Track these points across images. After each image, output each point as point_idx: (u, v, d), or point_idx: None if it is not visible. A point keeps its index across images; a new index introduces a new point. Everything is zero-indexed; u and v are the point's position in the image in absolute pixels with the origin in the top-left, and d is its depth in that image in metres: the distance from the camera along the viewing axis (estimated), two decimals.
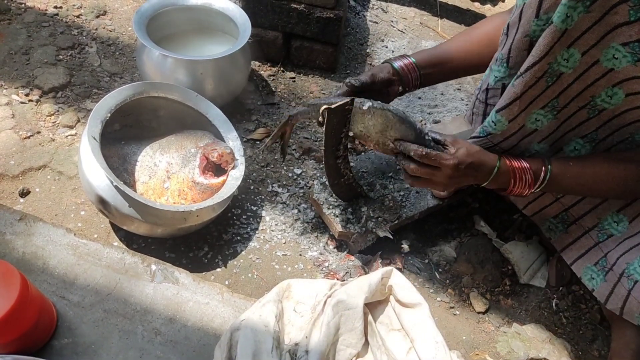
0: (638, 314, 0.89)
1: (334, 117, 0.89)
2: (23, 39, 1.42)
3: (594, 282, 0.97)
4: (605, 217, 0.97)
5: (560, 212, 1.04)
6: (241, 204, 1.21)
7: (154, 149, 1.12)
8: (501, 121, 0.91)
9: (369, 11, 1.84)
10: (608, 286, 0.93)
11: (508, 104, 0.88)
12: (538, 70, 0.81)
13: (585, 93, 0.85)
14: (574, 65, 0.80)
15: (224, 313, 0.91)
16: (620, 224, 0.95)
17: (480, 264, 1.20)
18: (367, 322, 0.92)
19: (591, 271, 0.98)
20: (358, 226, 1.10)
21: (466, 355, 1.05)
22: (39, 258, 0.91)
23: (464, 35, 1.08)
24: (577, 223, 1.02)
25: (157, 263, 0.95)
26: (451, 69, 1.07)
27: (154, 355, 0.84)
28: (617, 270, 0.92)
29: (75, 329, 0.84)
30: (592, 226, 0.99)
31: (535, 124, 0.90)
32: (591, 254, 0.99)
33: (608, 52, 0.78)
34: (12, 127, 1.23)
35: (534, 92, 0.85)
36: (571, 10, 0.74)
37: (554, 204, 1.04)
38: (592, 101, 0.85)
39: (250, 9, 1.41)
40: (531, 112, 0.88)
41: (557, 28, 0.76)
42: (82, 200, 1.14)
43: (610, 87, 0.82)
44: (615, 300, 0.92)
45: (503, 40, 0.91)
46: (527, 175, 0.92)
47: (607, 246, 0.96)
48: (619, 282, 0.91)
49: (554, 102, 0.86)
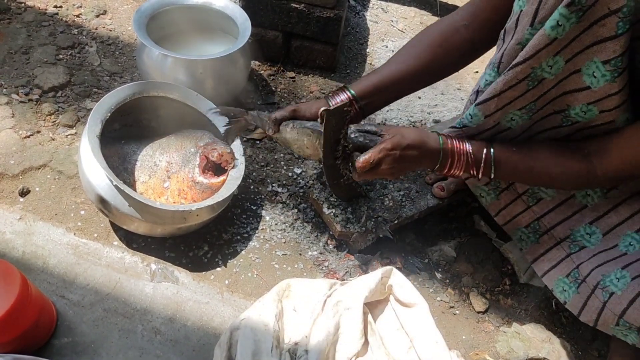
0: (613, 325, 0.89)
1: (333, 118, 0.89)
2: (23, 39, 1.42)
3: (565, 295, 0.96)
4: (578, 229, 0.97)
5: (532, 222, 1.04)
6: (241, 203, 1.21)
7: (153, 148, 1.12)
8: (477, 115, 0.91)
9: (369, 11, 1.84)
10: (581, 298, 0.93)
11: (486, 100, 0.88)
12: (520, 72, 0.82)
13: (562, 99, 0.85)
14: (556, 72, 0.81)
15: (224, 312, 0.91)
16: (592, 237, 0.95)
17: (480, 264, 1.20)
18: (367, 321, 0.92)
19: (563, 283, 0.97)
20: (358, 226, 1.10)
21: (466, 354, 1.05)
22: (38, 257, 0.91)
23: (402, 54, 1.03)
24: (549, 233, 1.01)
25: (157, 262, 0.95)
26: (392, 92, 1.05)
27: (153, 354, 0.84)
28: (590, 282, 0.91)
29: (75, 328, 0.84)
30: (564, 237, 0.99)
31: (510, 123, 0.91)
32: (563, 266, 0.98)
33: (590, 66, 0.78)
34: (12, 127, 1.23)
35: (514, 93, 0.85)
36: (564, 19, 0.74)
37: (525, 212, 1.04)
38: (567, 110, 0.86)
39: (250, 8, 1.41)
40: (508, 112, 0.89)
41: (547, 34, 0.76)
42: (81, 199, 1.14)
43: (585, 104, 0.83)
44: (589, 312, 0.91)
45: (499, 44, 0.91)
46: (468, 157, 0.92)
47: (580, 258, 0.95)
48: (593, 294, 0.90)
49: (532, 105, 0.87)
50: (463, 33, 0.98)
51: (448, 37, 0.99)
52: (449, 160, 0.93)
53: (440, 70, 1.04)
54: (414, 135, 0.91)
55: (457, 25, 0.99)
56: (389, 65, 1.03)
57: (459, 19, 0.99)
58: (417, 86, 1.08)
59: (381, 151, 0.90)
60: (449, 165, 0.94)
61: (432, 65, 1.01)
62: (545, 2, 0.77)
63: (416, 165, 0.95)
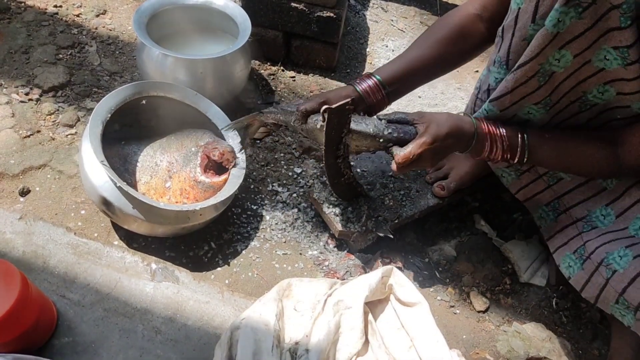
0: (613, 303, 0.89)
1: (335, 117, 0.89)
2: (23, 38, 1.42)
3: (570, 270, 0.97)
4: (594, 210, 0.98)
5: (552, 200, 1.05)
6: (241, 203, 1.21)
7: (154, 148, 1.12)
8: (493, 110, 0.92)
9: (369, 10, 1.84)
10: (585, 274, 0.93)
11: (499, 97, 0.89)
12: (529, 70, 0.83)
13: (577, 89, 0.86)
14: (565, 65, 0.82)
15: (224, 312, 0.91)
16: (607, 218, 0.96)
17: (481, 263, 1.20)
18: (368, 321, 0.92)
19: (569, 259, 0.98)
20: (358, 225, 1.10)
21: (466, 354, 1.05)
22: (39, 257, 0.91)
23: (424, 39, 1.04)
24: (567, 213, 1.02)
25: (157, 262, 0.95)
26: (417, 78, 1.05)
27: (154, 354, 0.84)
28: (595, 259, 0.92)
29: (75, 327, 0.84)
30: (580, 217, 1.00)
31: (527, 116, 0.92)
32: (572, 243, 0.99)
33: (600, 53, 0.79)
34: (12, 126, 1.22)
35: (526, 90, 0.86)
36: (563, 15, 0.75)
37: (546, 191, 1.05)
38: (584, 96, 0.87)
39: (251, 8, 1.41)
40: (524, 106, 0.90)
41: (549, 32, 0.78)
42: (82, 199, 1.14)
43: (601, 84, 0.83)
44: (592, 289, 0.92)
45: (498, 42, 0.92)
46: (502, 142, 0.92)
47: (589, 236, 0.96)
48: (597, 270, 0.91)
49: (547, 100, 0.88)
50: (478, 22, 1.01)
51: (467, 25, 1.01)
52: (485, 144, 0.92)
53: (460, 55, 1.05)
54: (450, 122, 0.89)
55: (473, 15, 1.01)
56: (412, 51, 1.04)
57: (472, 10, 1.01)
58: (438, 72, 1.08)
59: (421, 146, 0.87)
60: (485, 150, 0.93)
61: (452, 50, 1.02)
62: None
63: (454, 150, 0.93)
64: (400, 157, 0.88)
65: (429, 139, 0.87)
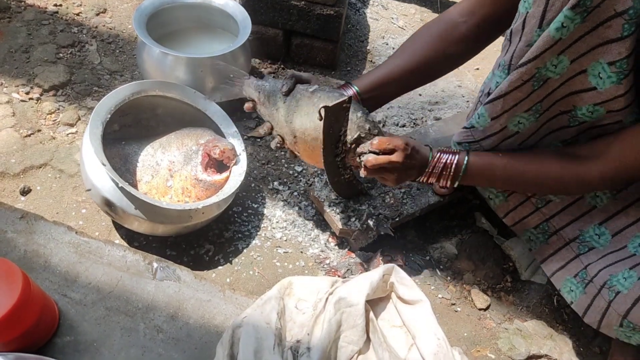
0: (617, 326, 0.89)
1: (332, 115, 0.89)
2: (23, 37, 1.42)
3: (572, 295, 0.96)
4: (587, 230, 0.97)
5: (540, 223, 1.03)
6: (242, 201, 1.21)
7: (154, 147, 1.12)
8: (484, 116, 0.91)
9: (369, 8, 1.84)
10: (587, 299, 0.93)
11: (493, 100, 0.88)
12: (525, 73, 0.82)
13: (569, 99, 0.85)
14: (561, 71, 0.81)
15: (226, 310, 0.91)
16: (602, 237, 0.95)
17: (482, 261, 1.20)
18: (369, 319, 0.92)
19: (570, 283, 0.97)
20: (359, 223, 1.10)
21: (467, 351, 1.05)
22: (40, 256, 0.91)
23: (405, 48, 1.03)
24: (558, 234, 1.01)
25: (159, 261, 0.95)
26: (397, 88, 1.05)
27: (155, 352, 0.84)
28: (597, 282, 0.91)
29: (77, 326, 0.85)
30: (573, 238, 0.99)
31: (517, 127, 0.90)
32: (571, 266, 0.98)
33: (595, 67, 0.78)
34: (13, 126, 1.23)
35: (520, 95, 0.85)
36: (568, 20, 0.74)
37: (534, 214, 1.04)
38: (574, 110, 0.86)
39: (251, 6, 1.41)
40: (514, 115, 0.88)
41: (551, 36, 0.76)
42: (83, 198, 1.14)
43: (592, 104, 0.83)
44: (594, 313, 0.92)
45: (506, 45, 0.91)
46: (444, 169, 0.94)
47: (588, 258, 0.95)
48: (599, 294, 0.90)
49: (538, 106, 0.87)
50: (462, 29, 0.98)
51: (448, 33, 0.99)
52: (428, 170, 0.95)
53: (441, 65, 1.03)
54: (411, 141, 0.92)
55: (456, 21, 0.99)
56: (390, 61, 1.03)
57: (457, 15, 0.99)
58: (419, 82, 1.08)
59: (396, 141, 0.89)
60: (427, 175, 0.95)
61: (433, 61, 1.01)
62: (552, 3, 0.77)
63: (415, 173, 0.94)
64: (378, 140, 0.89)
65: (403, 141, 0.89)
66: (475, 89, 1.63)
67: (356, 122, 0.92)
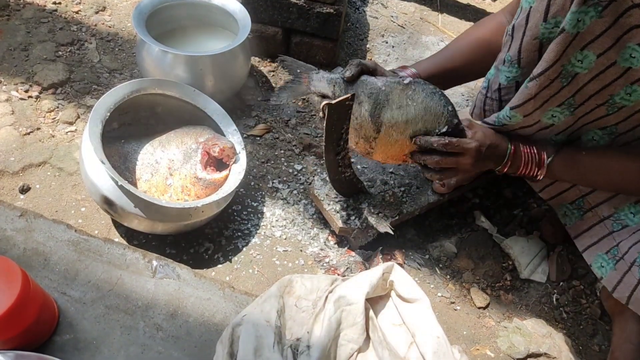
0: None
1: (335, 112, 0.89)
2: (22, 35, 1.41)
3: (603, 270, 0.97)
4: (622, 208, 0.97)
5: (577, 199, 1.04)
6: (242, 200, 1.21)
7: (154, 146, 1.12)
8: (516, 116, 0.91)
9: (369, 6, 1.84)
10: (617, 275, 0.93)
11: (522, 103, 0.88)
12: (552, 73, 0.82)
13: (603, 92, 0.84)
14: (589, 66, 0.80)
15: (226, 309, 0.91)
16: (637, 215, 0.95)
17: (481, 259, 1.20)
18: (369, 317, 0.92)
19: (602, 259, 0.97)
20: (359, 222, 1.10)
21: (467, 350, 1.05)
22: (40, 254, 0.91)
23: (462, 40, 1.07)
24: (593, 211, 1.01)
25: (158, 259, 0.95)
26: (451, 77, 1.07)
27: (155, 350, 0.84)
28: (628, 259, 0.91)
29: (76, 324, 0.84)
30: (607, 215, 0.99)
31: (551, 120, 0.90)
32: (603, 243, 0.98)
33: (625, 52, 0.78)
34: (12, 124, 1.22)
35: (549, 92, 0.85)
36: (582, 15, 0.74)
37: (571, 190, 1.04)
38: (611, 99, 0.85)
39: (250, 4, 1.41)
40: (547, 110, 0.88)
41: (569, 33, 0.76)
42: (82, 196, 1.14)
43: (629, 84, 0.82)
44: (623, 289, 0.92)
45: (508, 41, 0.91)
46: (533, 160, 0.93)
47: (621, 236, 0.95)
48: (629, 271, 0.90)
49: (570, 101, 0.86)
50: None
51: (495, 33, 1.02)
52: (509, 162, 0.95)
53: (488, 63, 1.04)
54: (493, 135, 0.93)
55: (502, 23, 1.02)
56: (445, 51, 1.07)
57: (503, 18, 1.03)
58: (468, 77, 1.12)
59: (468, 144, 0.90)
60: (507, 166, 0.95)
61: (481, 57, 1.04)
62: None
63: (490, 165, 0.95)
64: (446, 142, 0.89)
65: (476, 144, 0.90)
66: (475, 87, 1.63)
67: (446, 116, 0.91)
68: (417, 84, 0.91)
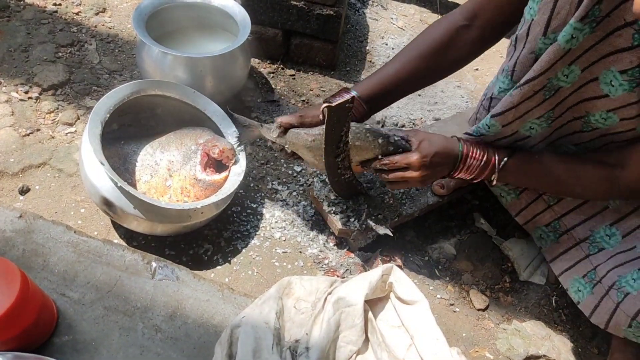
0: (625, 327, 0.89)
1: (334, 114, 0.89)
2: (22, 36, 1.41)
3: (580, 295, 0.96)
4: (598, 230, 0.97)
5: (552, 221, 1.04)
6: (241, 201, 1.21)
7: (153, 147, 1.12)
8: (495, 125, 0.91)
9: (369, 8, 1.84)
10: (594, 299, 0.93)
11: (503, 112, 0.88)
12: (537, 84, 0.81)
13: (581, 106, 0.85)
14: (573, 80, 0.81)
15: (224, 310, 0.91)
16: (612, 238, 0.95)
17: (480, 261, 1.20)
18: (368, 319, 0.92)
19: (578, 283, 0.97)
20: (358, 223, 1.10)
21: (466, 352, 1.05)
22: (39, 255, 0.91)
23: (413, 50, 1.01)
24: (569, 233, 1.01)
25: (158, 260, 0.95)
26: (395, 93, 1.04)
27: (154, 352, 0.84)
28: (606, 283, 0.91)
29: (75, 326, 0.84)
30: (583, 238, 0.99)
31: (529, 131, 0.90)
32: (580, 266, 0.98)
33: (607, 75, 0.78)
34: (12, 125, 1.22)
35: (531, 104, 0.85)
36: (577, 32, 0.74)
37: (546, 212, 1.04)
38: (587, 117, 0.86)
39: (250, 6, 1.41)
40: (526, 121, 0.88)
41: (561, 47, 0.76)
42: (82, 197, 1.14)
43: (605, 111, 0.83)
44: (601, 314, 0.92)
45: (510, 51, 0.90)
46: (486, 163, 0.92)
47: (598, 259, 0.95)
48: (607, 294, 0.90)
49: (549, 113, 0.87)
50: (464, 33, 0.97)
51: (449, 37, 0.97)
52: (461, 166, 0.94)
53: (442, 69, 1.03)
54: (440, 142, 0.92)
55: (458, 25, 0.97)
56: (391, 65, 1.01)
57: (460, 19, 0.98)
58: (420, 86, 1.07)
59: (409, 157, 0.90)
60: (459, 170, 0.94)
61: (434, 65, 1.00)
62: (557, 12, 0.77)
63: (444, 172, 0.94)
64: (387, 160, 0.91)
65: (418, 155, 0.90)
66: (474, 90, 1.63)
67: (380, 147, 0.93)
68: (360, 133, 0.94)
